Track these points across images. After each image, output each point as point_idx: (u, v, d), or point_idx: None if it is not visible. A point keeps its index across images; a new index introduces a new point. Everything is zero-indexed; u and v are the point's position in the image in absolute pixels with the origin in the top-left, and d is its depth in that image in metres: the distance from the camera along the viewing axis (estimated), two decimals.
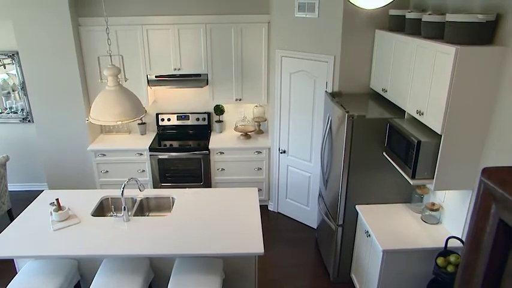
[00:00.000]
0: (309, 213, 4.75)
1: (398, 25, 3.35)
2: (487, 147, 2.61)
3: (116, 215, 3.31)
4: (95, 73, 4.72)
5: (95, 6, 4.56)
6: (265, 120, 5.20)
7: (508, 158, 2.38)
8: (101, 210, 3.62)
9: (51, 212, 3.24)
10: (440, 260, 2.81)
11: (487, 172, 0.66)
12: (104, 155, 4.85)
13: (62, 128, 4.86)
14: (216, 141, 4.99)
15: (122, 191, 3.23)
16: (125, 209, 3.24)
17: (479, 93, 2.49)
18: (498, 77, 2.46)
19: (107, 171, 4.92)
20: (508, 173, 0.64)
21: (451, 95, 2.47)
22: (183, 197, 3.66)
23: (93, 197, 3.66)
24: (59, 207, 3.25)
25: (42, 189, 5.50)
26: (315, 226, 4.68)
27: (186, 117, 5.23)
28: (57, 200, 3.26)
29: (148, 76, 4.81)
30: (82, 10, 4.58)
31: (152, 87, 4.86)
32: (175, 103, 5.25)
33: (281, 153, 4.75)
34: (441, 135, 2.61)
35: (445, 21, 2.57)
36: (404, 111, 3.15)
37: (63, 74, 4.61)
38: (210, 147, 4.82)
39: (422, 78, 2.79)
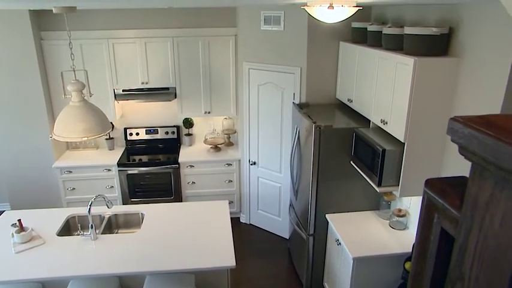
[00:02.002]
0: (280, 224, 4.77)
1: (361, 37, 3.45)
2: (446, 154, 2.72)
3: (83, 234, 3.21)
4: (59, 88, 4.59)
5: (58, 19, 4.46)
6: (235, 132, 5.21)
7: (466, 167, 2.48)
8: (67, 229, 3.50)
9: (12, 234, 3.11)
10: (408, 265, 2.88)
11: (429, 183, 0.69)
12: (71, 171, 4.71)
13: (25, 145, 4.69)
14: (185, 154, 4.95)
15: (89, 209, 3.15)
16: (92, 227, 3.15)
17: (437, 102, 2.60)
18: (453, 87, 2.58)
19: (74, 189, 4.77)
20: (449, 184, 0.67)
21: (411, 104, 2.56)
22: (153, 212, 3.60)
23: (58, 216, 3.54)
24: (21, 228, 3.13)
25: (4, 209, 5.26)
26: (287, 236, 4.70)
27: (155, 131, 5.17)
28: (19, 220, 3.13)
29: (115, 90, 4.73)
30: (45, 24, 4.47)
31: (119, 102, 4.79)
32: (143, 117, 5.18)
33: (251, 164, 4.77)
34: (404, 143, 2.70)
35: (404, 33, 2.68)
36: (370, 121, 3.23)
37: (25, 89, 4.47)
38: (179, 160, 4.78)
39: (384, 88, 2.88)
